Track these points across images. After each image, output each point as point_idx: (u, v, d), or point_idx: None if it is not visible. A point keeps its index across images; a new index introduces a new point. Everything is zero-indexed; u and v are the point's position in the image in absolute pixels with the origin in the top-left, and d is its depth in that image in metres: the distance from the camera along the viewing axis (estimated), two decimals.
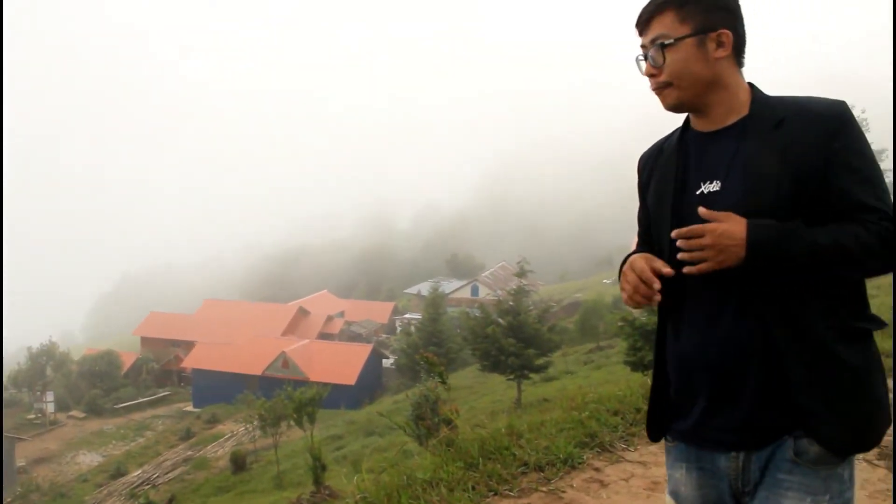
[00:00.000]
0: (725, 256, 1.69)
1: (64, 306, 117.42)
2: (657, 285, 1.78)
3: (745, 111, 1.83)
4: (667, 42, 1.81)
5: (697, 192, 1.84)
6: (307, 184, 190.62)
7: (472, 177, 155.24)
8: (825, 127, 1.73)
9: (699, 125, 1.91)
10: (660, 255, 1.87)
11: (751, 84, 1.88)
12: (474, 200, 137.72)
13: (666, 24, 1.82)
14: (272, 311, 63.02)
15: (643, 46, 1.88)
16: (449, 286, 67.33)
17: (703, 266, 1.71)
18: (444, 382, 3.18)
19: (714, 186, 1.81)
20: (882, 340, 7.64)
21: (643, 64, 1.89)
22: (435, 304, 43.43)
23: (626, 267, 1.87)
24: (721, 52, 1.80)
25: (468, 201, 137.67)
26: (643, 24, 1.87)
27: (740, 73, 1.86)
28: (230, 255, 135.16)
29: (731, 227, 1.69)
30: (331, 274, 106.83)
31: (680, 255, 1.73)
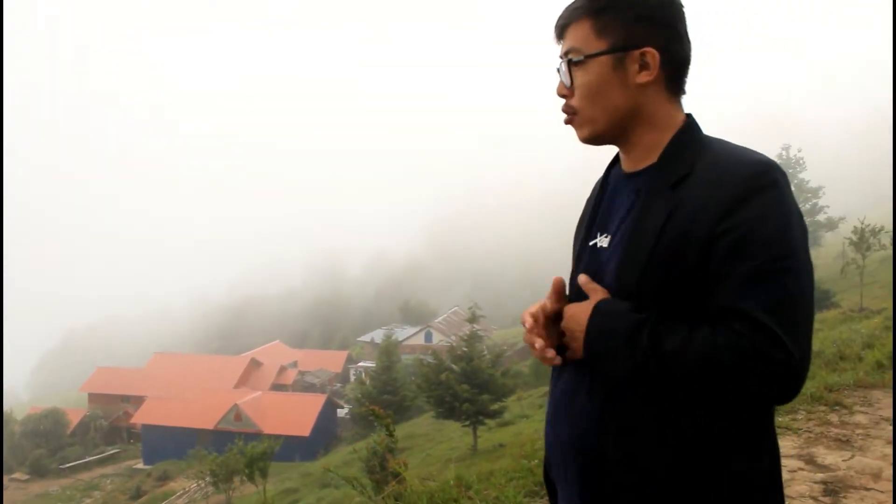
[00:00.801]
0: (576, 345, 1.47)
1: (6, 363, 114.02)
2: (550, 354, 1.51)
3: (655, 157, 1.49)
4: (575, 59, 1.49)
5: (591, 243, 1.58)
6: (254, 233, 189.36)
7: (421, 224, 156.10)
8: (726, 194, 1.32)
9: (622, 162, 1.59)
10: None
11: (689, 120, 1.51)
12: (424, 247, 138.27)
13: (580, 36, 1.48)
14: (223, 363, 62.06)
15: (559, 57, 1.55)
16: (402, 333, 67.19)
17: (568, 354, 1.51)
18: (391, 435, 3.37)
19: (604, 241, 1.54)
20: (879, 351, 8.02)
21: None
22: (388, 351, 43.29)
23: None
24: (644, 77, 1.45)
25: (418, 248, 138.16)
26: (558, 31, 1.54)
27: (674, 105, 1.50)
28: (178, 306, 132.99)
29: (579, 312, 1.47)
30: (282, 323, 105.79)
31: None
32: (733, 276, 1.29)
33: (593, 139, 1.53)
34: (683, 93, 1.52)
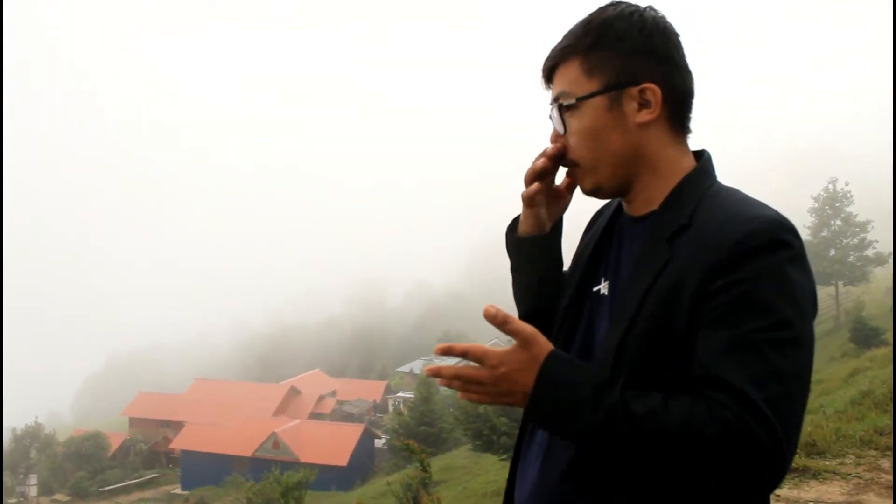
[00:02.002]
0: (509, 398, 1.23)
1: (52, 386, 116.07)
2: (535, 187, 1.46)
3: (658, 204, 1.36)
4: (566, 103, 1.35)
5: (594, 289, 1.43)
6: (295, 262, 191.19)
7: (462, 254, 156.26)
8: (720, 251, 1.19)
9: (625, 204, 1.45)
10: (549, 320, 1.50)
11: (700, 164, 1.37)
12: (464, 277, 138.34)
13: (569, 78, 1.35)
14: (263, 390, 62.45)
15: (551, 104, 1.41)
16: (442, 364, 67.02)
17: (483, 399, 1.25)
18: (424, 470, 3.32)
19: (604, 289, 1.40)
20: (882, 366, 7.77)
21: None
22: (427, 382, 43.15)
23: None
24: (645, 115, 1.31)
25: (458, 278, 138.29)
26: (546, 74, 1.41)
27: (679, 146, 1.36)
28: (219, 333, 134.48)
29: (518, 356, 1.21)
30: (322, 352, 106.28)
31: (450, 384, 1.29)
32: (719, 341, 1.15)
33: (595, 191, 1.40)
34: (689, 131, 1.38)
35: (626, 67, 1.31)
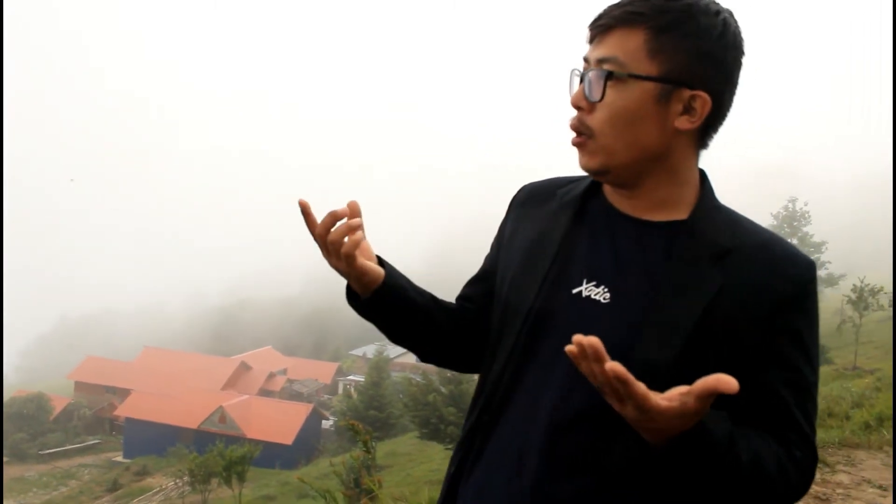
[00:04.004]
0: (650, 435, 1.07)
1: None
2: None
3: (680, 213, 1.26)
4: (617, 73, 1.19)
5: (574, 290, 1.27)
6: (256, 237, 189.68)
7: (423, 245, 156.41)
8: (781, 292, 1.19)
9: (615, 198, 1.33)
10: (501, 331, 1.34)
11: (703, 175, 1.32)
12: (425, 268, 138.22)
13: (628, 47, 1.19)
14: (213, 363, 61.93)
15: (585, 60, 1.25)
16: (394, 350, 66.98)
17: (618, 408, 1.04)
18: (368, 452, 3.36)
19: (599, 295, 1.25)
20: (868, 412, 7.98)
21: (576, 82, 1.26)
22: (379, 367, 43.24)
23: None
24: (686, 123, 1.21)
25: (418, 268, 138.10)
26: (600, 30, 1.23)
27: (697, 158, 1.29)
28: (174, 303, 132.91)
29: (681, 411, 1.02)
30: (276, 330, 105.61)
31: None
32: (785, 383, 1.19)
33: (601, 172, 1.26)
34: (706, 148, 1.30)
35: (691, 66, 1.19)
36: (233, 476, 21.18)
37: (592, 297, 1.25)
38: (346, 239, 1.29)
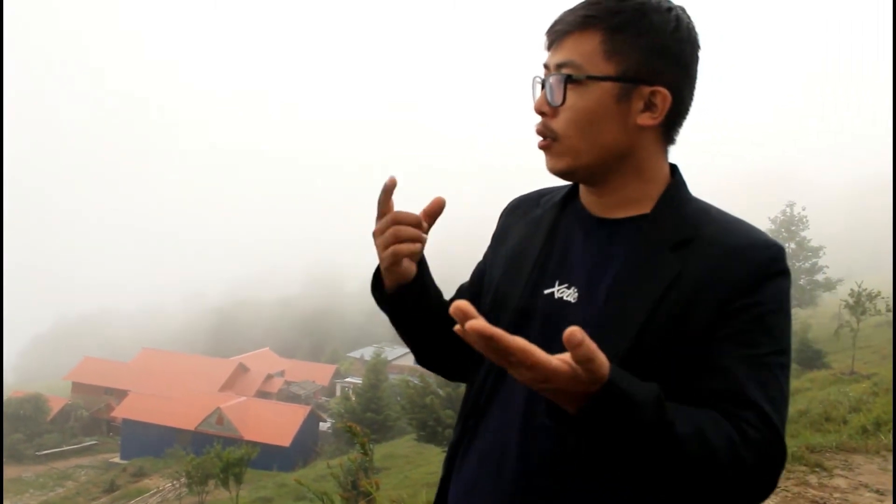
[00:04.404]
0: (560, 398, 1.03)
1: None
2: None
3: (645, 208, 1.29)
4: (575, 76, 1.22)
5: (546, 292, 1.31)
6: (256, 239, 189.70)
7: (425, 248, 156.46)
8: (742, 272, 1.18)
9: (587, 200, 1.36)
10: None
11: (674, 169, 1.33)
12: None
13: (584, 50, 1.22)
14: (211, 365, 61.95)
15: (545, 66, 1.29)
16: (392, 352, 66.97)
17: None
18: (365, 454, 3.36)
19: (569, 295, 1.29)
20: (865, 416, 7.98)
21: (538, 89, 1.30)
22: (376, 369, 43.18)
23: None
24: (648, 119, 1.23)
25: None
26: (556, 36, 1.26)
27: (663, 156, 1.31)
28: (172, 304, 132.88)
29: (573, 373, 1.02)
30: (274, 331, 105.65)
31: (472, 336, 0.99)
32: (741, 359, 1.15)
33: (567, 173, 1.29)
34: (674, 144, 1.31)
35: (647, 63, 1.21)
36: (230, 478, 21.18)
37: (564, 298, 1.28)
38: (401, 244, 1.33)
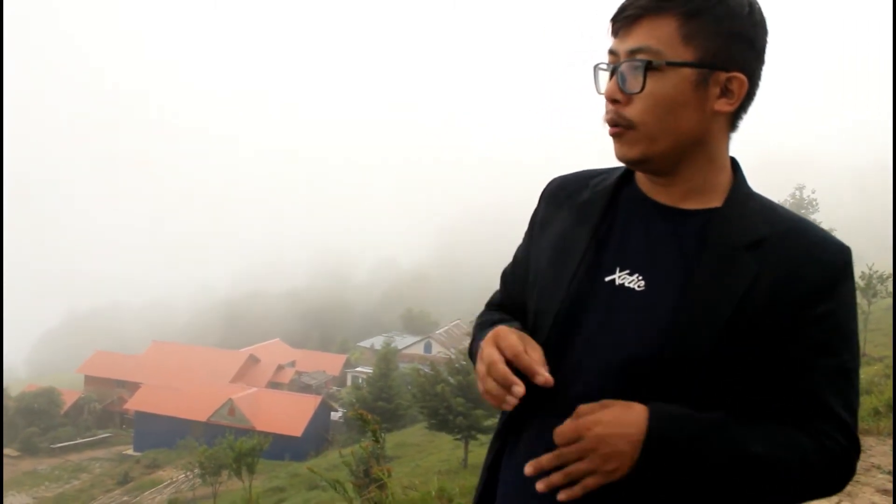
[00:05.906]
0: (616, 465, 1.13)
1: (8, 337, 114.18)
2: (519, 391, 1.18)
3: (715, 201, 1.26)
4: (655, 62, 1.18)
5: (608, 279, 1.28)
6: (264, 231, 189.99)
7: (431, 235, 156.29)
8: (815, 279, 1.18)
9: (648, 188, 1.32)
10: (534, 327, 1.34)
11: (734, 162, 1.31)
12: (432, 258, 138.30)
13: (661, 36, 1.19)
14: (222, 356, 62.11)
15: (612, 53, 1.24)
16: (402, 342, 67.13)
17: (588, 482, 1.15)
18: (377, 441, 3.37)
19: (634, 282, 1.25)
20: (877, 398, 7.98)
21: (603, 78, 1.26)
22: (387, 359, 43.28)
23: (485, 351, 1.26)
24: (724, 105, 1.21)
25: (426, 259, 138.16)
26: (627, 22, 1.22)
27: (727, 144, 1.29)
28: (182, 296, 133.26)
29: (619, 418, 1.14)
30: (284, 322, 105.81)
31: (550, 480, 1.17)
32: (824, 369, 1.18)
33: (641, 161, 1.25)
34: (736, 130, 1.29)
35: (725, 48, 1.19)
36: (243, 468, 21.29)
37: (626, 285, 1.26)
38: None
